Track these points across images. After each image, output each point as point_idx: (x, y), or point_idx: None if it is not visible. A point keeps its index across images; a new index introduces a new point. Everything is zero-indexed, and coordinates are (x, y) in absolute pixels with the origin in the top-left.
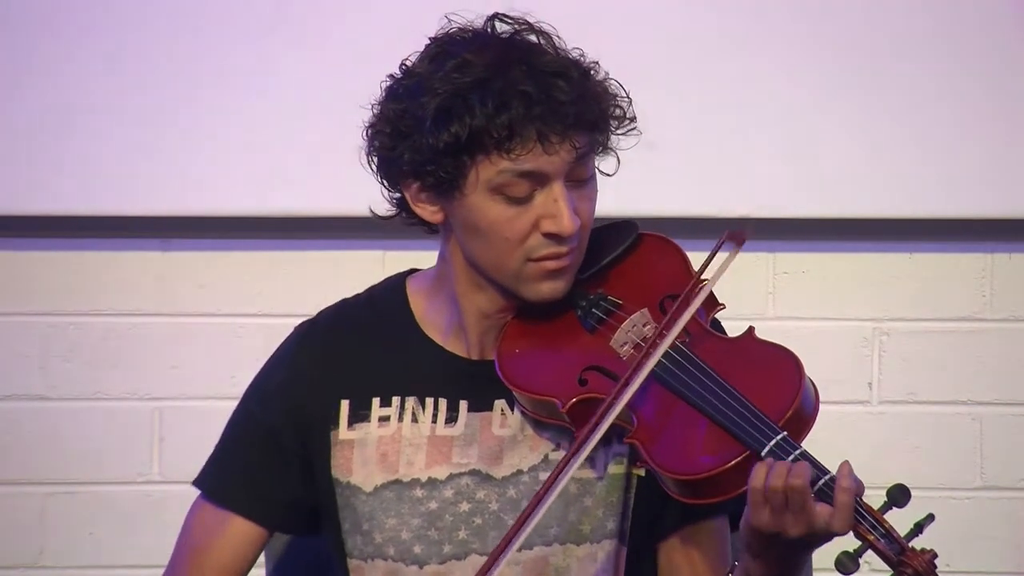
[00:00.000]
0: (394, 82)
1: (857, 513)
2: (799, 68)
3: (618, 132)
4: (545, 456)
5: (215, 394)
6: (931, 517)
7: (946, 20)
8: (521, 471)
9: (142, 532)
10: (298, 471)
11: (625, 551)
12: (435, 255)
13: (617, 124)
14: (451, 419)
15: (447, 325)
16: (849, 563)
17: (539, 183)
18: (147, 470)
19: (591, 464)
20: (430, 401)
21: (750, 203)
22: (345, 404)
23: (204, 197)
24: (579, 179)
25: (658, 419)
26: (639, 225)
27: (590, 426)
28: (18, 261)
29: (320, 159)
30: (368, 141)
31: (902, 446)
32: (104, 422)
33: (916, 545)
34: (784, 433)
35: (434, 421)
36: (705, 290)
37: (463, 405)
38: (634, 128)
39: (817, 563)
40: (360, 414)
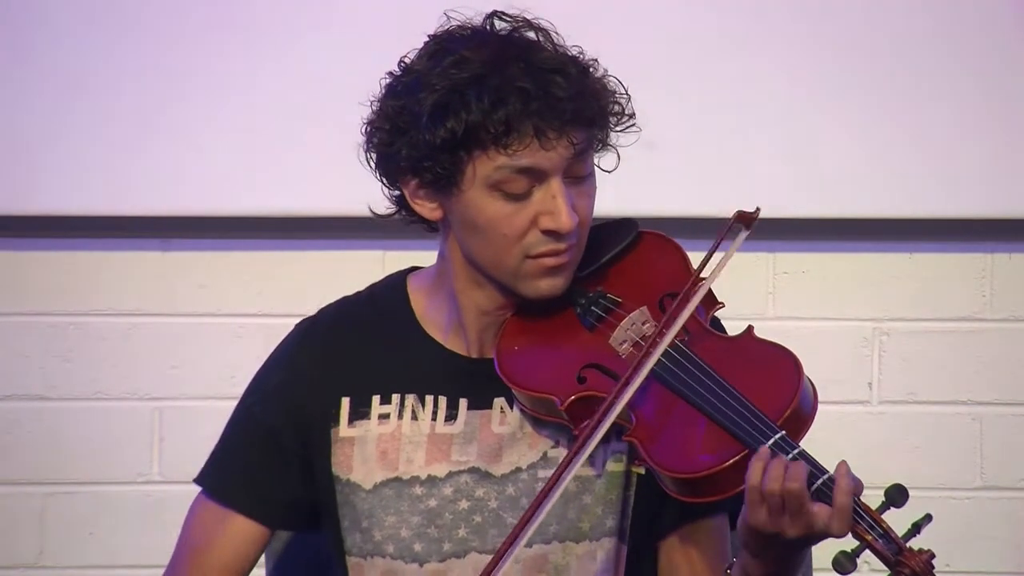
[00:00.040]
0: (393, 79)
1: (855, 513)
2: (799, 68)
3: (617, 129)
4: (544, 454)
5: (215, 394)
6: (929, 517)
7: (946, 20)
8: (520, 469)
9: (142, 532)
10: (298, 470)
11: (625, 549)
12: (435, 255)
13: (616, 121)
14: (450, 417)
15: (447, 323)
16: (847, 563)
17: (537, 179)
18: (147, 470)
19: (590, 462)
20: (430, 399)
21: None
22: (345, 402)
23: (204, 197)
24: (577, 176)
25: (657, 417)
26: (639, 223)
27: (591, 424)
28: (18, 261)
29: (320, 159)
30: (367, 138)
31: (902, 446)
32: (104, 422)
33: (914, 545)
34: (783, 432)
35: (434, 419)
36: (704, 288)
37: (462, 403)
38: (633, 125)
39: (815, 563)
40: (360, 411)
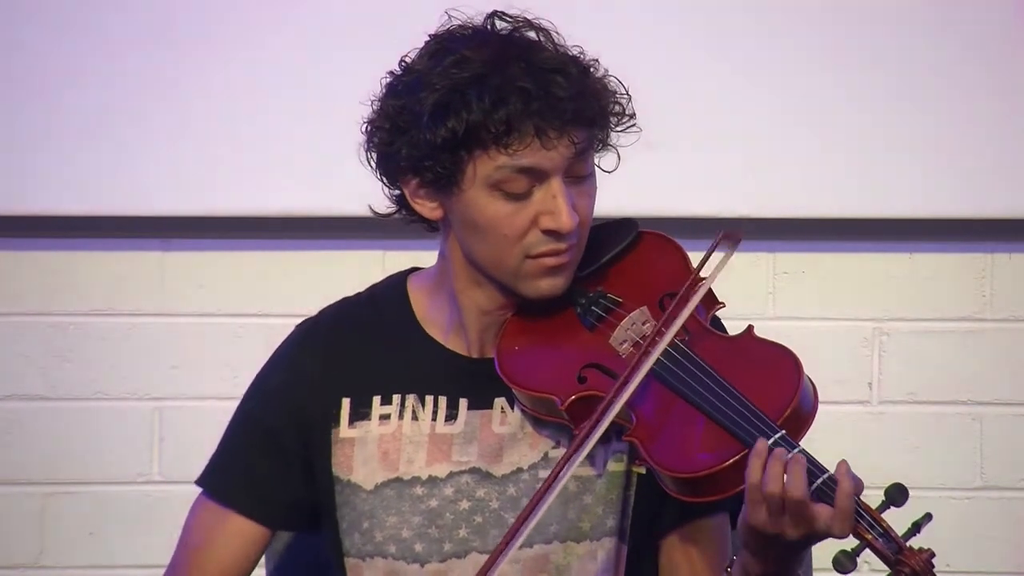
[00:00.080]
0: (393, 79)
1: (855, 512)
2: (799, 68)
3: (617, 129)
4: (545, 454)
5: (215, 394)
6: (929, 516)
7: (947, 20)
8: (521, 469)
9: (142, 532)
10: (299, 471)
11: (625, 549)
12: (435, 255)
13: (616, 121)
14: (451, 417)
15: (448, 323)
16: (847, 562)
17: (537, 179)
18: (147, 470)
19: (591, 461)
20: (430, 399)
21: (750, 203)
22: (346, 402)
23: (204, 197)
24: (578, 175)
25: (657, 417)
26: (638, 223)
27: (590, 424)
28: (18, 261)
29: (320, 159)
30: (367, 137)
31: (902, 446)
32: (104, 422)
33: (914, 544)
34: (783, 432)
35: (434, 419)
36: (703, 288)
37: (463, 403)
38: (633, 125)
39: (815, 562)
40: (361, 412)
